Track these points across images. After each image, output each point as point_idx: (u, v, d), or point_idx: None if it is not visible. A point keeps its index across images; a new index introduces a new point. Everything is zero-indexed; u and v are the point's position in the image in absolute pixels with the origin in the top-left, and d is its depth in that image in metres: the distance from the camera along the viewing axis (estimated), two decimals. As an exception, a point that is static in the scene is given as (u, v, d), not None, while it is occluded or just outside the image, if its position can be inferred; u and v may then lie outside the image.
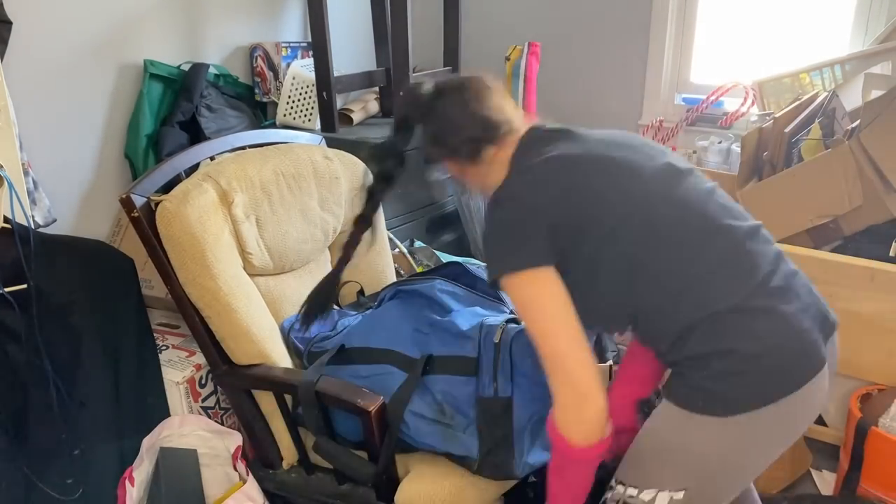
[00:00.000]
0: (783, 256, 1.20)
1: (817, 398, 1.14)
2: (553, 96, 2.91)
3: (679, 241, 1.14)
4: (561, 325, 1.14)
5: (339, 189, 1.81)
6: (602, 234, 1.15)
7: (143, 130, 2.10)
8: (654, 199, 1.16)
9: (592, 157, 1.21)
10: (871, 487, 1.73)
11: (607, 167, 1.19)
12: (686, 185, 1.19)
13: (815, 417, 1.21)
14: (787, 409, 1.10)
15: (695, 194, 1.19)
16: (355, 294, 1.87)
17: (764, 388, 1.09)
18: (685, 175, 1.21)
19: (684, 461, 1.16)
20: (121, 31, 2.06)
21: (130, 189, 1.46)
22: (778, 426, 1.14)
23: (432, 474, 1.43)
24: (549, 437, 1.19)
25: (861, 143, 1.87)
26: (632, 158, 1.20)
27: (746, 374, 1.09)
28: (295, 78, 2.40)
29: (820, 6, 2.53)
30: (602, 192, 1.17)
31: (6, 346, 1.57)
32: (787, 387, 1.09)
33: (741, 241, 1.15)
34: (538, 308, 1.15)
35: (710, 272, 1.13)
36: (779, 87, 2.45)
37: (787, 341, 1.11)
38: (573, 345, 1.14)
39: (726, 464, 1.16)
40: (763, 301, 1.11)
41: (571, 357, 1.13)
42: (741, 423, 1.10)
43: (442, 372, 1.48)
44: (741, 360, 1.09)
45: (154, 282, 1.90)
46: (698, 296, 1.12)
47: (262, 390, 1.58)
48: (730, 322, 1.10)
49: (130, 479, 1.60)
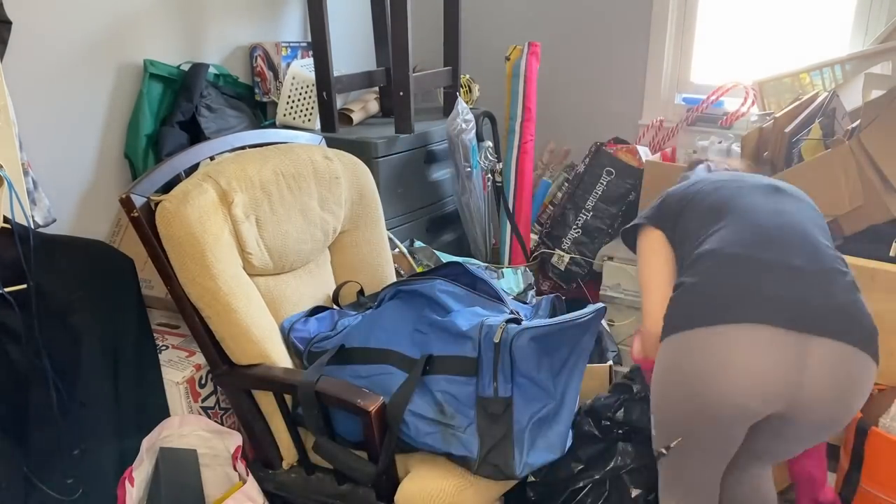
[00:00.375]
0: (825, 258, 1.30)
1: (724, 353, 1.21)
2: (553, 96, 2.91)
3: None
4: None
5: (339, 189, 1.81)
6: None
7: (143, 130, 2.10)
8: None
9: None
10: (872, 487, 1.73)
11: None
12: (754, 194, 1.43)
13: (738, 378, 1.22)
14: (685, 344, 1.26)
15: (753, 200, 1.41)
16: (355, 294, 1.86)
17: (672, 318, 1.30)
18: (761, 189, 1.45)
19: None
20: (121, 31, 2.06)
21: (130, 189, 1.46)
22: (681, 359, 1.27)
23: (432, 474, 1.43)
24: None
25: (861, 143, 1.87)
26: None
27: (674, 301, 1.32)
28: (295, 78, 2.40)
29: (820, 6, 2.53)
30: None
31: (6, 346, 1.57)
32: (685, 322, 1.26)
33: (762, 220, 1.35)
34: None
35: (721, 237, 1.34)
36: (779, 87, 2.45)
37: (713, 284, 1.27)
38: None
39: (655, 386, 1.35)
40: (740, 250, 1.30)
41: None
42: (665, 347, 1.31)
43: (442, 372, 1.48)
44: (677, 290, 1.32)
45: (154, 282, 1.90)
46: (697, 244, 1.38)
47: (262, 390, 1.58)
48: (698, 260, 1.33)
49: (130, 479, 1.60)
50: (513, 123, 2.57)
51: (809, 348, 1.20)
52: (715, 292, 1.27)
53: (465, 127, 2.40)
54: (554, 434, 1.45)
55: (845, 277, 1.29)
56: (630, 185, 2.57)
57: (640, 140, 2.82)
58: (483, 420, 1.41)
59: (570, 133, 2.94)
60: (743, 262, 1.29)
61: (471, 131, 2.43)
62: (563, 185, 2.81)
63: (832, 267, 1.29)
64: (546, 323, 1.45)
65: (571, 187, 2.67)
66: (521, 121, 2.56)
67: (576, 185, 2.65)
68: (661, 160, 2.54)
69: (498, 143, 2.71)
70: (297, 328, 1.67)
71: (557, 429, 1.46)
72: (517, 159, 2.60)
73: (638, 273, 1.53)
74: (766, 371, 1.20)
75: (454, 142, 2.41)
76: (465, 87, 2.84)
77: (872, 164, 1.87)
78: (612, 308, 2.45)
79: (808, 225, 1.36)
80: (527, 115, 2.56)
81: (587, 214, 2.62)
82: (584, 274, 2.64)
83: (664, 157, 2.62)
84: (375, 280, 1.91)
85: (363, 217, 1.90)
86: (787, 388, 1.21)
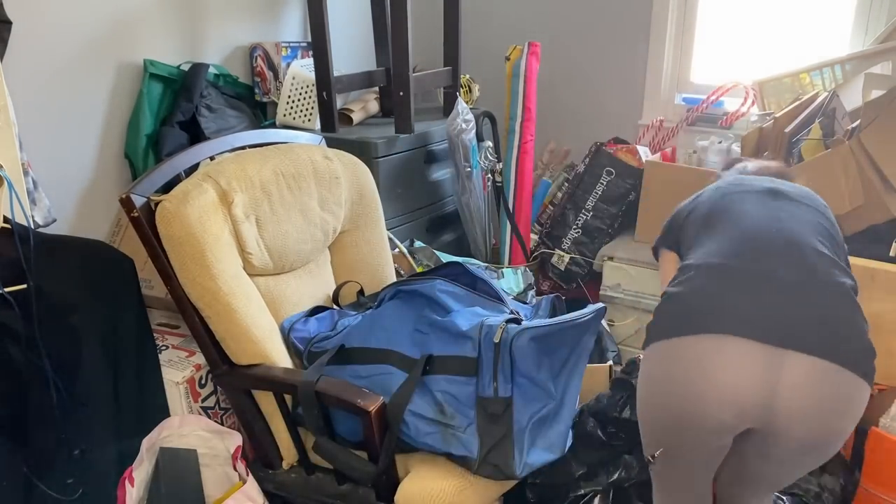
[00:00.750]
0: (822, 268, 1.27)
1: (698, 364, 1.21)
2: (553, 96, 2.91)
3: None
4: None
5: (339, 189, 1.81)
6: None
7: (143, 130, 2.10)
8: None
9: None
10: (872, 487, 1.73)
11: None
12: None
13: (712, 389, 1.20)
14: (662, 353, 1.27)
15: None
16: (355, 294, 1.86)
17: (653, 328, 1.30)
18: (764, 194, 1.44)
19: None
20: (121, 31, 2.06)
21: (130, 189, 1.46)
22: (657, 368, 1.28)
23: (432, 474, 1.43)
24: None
25: (861, 143, 1.88)
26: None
27: (658, 310, 1.32)
28: (295, 78, 2.40)
29: (820, 6, 2.54)
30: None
31: (6, 346, 1.57)
32: (663, 332, 1.27)
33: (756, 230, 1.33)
34: None
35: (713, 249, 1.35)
36: (779, 87, 2.45)
37: (690, 295, 1.27)
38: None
39: (638, 395, 1.36)
40: (727, 261, 1.29)
41: None
42: (646, 355, 1.31)
43: (442, 372, 1.48)
44: (662, 300, 1.33)
45: (154, 282, 1.90)
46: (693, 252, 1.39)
47: (262, 390, 1.58)
48: (683, 270, 1.33)
49: (130, 479, 1.60)
50: (513, 123, 2.57)
51: (785, 362, 1.17)
52: (693, 303, 1.26)
53: (465, 127, 2.40)
54: (554, 434, 1.45)
55: (840, 289, 1.25)
56: (630, 185, 2.57)
57: (640, 140, 2.82)
58: (483, 420, 1.41)
59: (570, 133, 2.94)
60: (725, 273, 1.27)
61: (471, 131, 2.43)
62: (563, 185, 2.81)
63: (825, 279, 1.25)
64: (546, 323, 1.45)
65: (571, 187, 2.67)
66: (521, 121, 2.56)
67: (576, 185, 2.65)
68: (661, 160, 2.54)
69: (498, 143, 2.71)
70: (297, 328, 1.67)
71: (557, 429, 1.46)
72: (517, 159, 2.60)
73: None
74: (738, 383, 1.18)
75: (454, 142, 2.41)
76: (465, 87, 2.84)
77: (872, 164, 1.87)
78: (612, 308, 2.45)
79: (804, 232, 1.32)
80: (527, 115, 2.56)
81: (587, 214, 2.62)
82: (584, 274, 2.64)
83: (664, 157, 2.62)
84: (375, 280, 1.91)
85: (363, 217, 1.90)
86: (759, 401, 1.18)
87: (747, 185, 1.49)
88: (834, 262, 1.28)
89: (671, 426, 1.28)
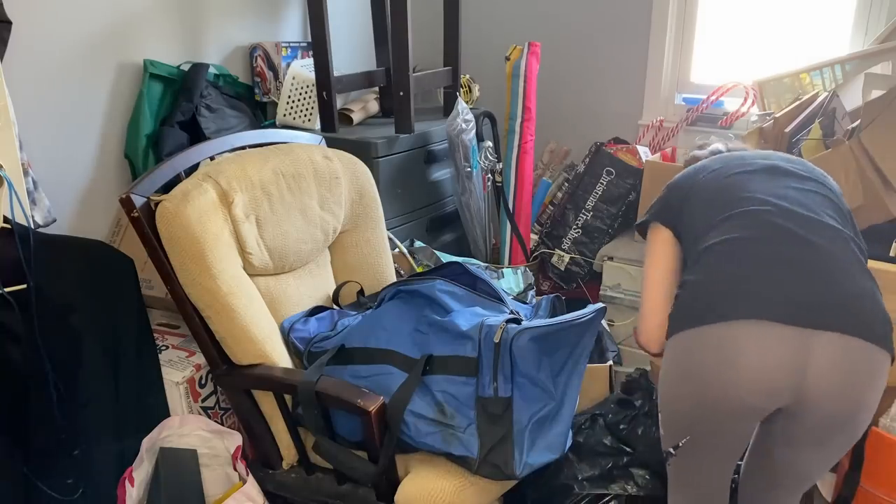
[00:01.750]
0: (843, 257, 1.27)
1: (727, 350, 1.21)
2: (553, 96, 2.91)
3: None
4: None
5: (339, 189, 1.81)
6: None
7: (143, 130, 2.10)
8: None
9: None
10: (872, 487, 1.73)
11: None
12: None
13: (741, 375, 1.21)
14: (689, 342, 1.27)
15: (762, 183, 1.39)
16: (355, 294, 1.86)
17: (677, 317, 1.31)
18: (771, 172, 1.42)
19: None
20: (120, 31, 2.06)
21: (130, 189, 1.46)
22: (685, 357, 1.28)
23: (432, 474, 1.43)
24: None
25: (861, 142, 1.88)
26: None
27: (678, 299, 1.33)
28: (295, 78, 2.40)
29: (820, 6, 2.54)
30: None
31: (6, 346, 1.57)
32: (688, 321, 1.27)
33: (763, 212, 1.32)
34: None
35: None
36: (779, 87, 2.45)
37: (713, 282, 1.27)
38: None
39: (661, 385, 1.36)
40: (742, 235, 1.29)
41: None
42: (670, 346, 1.32)
43: (442, 372, 1.48)
44: (681, 289, 1.34)
45: (154, 282, 1.90)
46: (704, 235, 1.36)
47: (262, 390, 1.58)
48: (701, 256, 1.33)
49: (130, 479, 1.60)
50: (513, 123, 2.57)
51: (813, 343, 1.19)
52: (717, 290, 1.27)
53: (465, 127, 2.40)
54: (554, 434, 1.45)
55: (857, 264, 1.27)
56: (630, 185, 2.57)
57: (640, 140, 2.83)
58: (483, 420, 1.41)
59: (570, 133, 2.94)
60: (745, 258, 1.28)
61: (471, 131, 2.43)
62: (563, 185, 2.81)
63: (842, 255, 1.27)
64: (546, 323, 1.45)
65: (571, 187, 2.67)
66: (521, 121, 2.56)
67: (576, 185, 2.65)
68: (661, 160, 2.54)
69: (498, 143, 2.71)
70: (297, 328, 1.67)
71: (557, 429, 1.46)
72: (517, 159, 2.60)
73: (643, 271, 1.53)
74: (768, 367, 1.20)
75: (454, 142, 2.41)
76: (465, 87, 2.84)
77: (872, 164, 1.87)
78: (612, 308, 2.45)
79: (816, 207, 1.33)
80: (527, 115, 2.56)
81: (587, 214, 2.62)
82: (584, 274, 2.64)
83: (664, 157, 2.62)
84: (375, 280, 1.91)
85: (363, 217, 1.90)
86: (790, 383, 1.20)
87: (750, 162, 1.47)
88: (848, 236, 1.31)
89: (700, 415, 1.28)
